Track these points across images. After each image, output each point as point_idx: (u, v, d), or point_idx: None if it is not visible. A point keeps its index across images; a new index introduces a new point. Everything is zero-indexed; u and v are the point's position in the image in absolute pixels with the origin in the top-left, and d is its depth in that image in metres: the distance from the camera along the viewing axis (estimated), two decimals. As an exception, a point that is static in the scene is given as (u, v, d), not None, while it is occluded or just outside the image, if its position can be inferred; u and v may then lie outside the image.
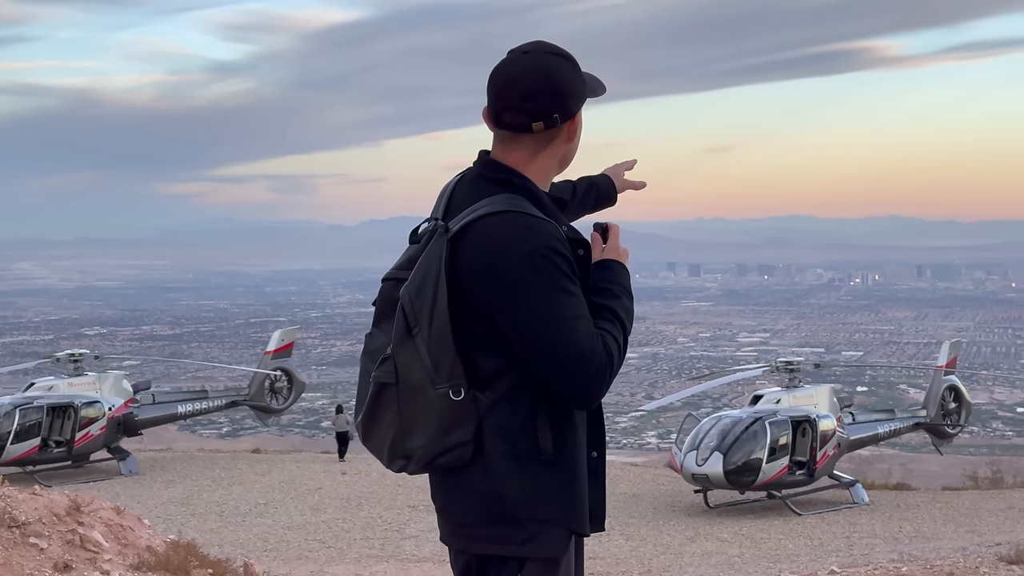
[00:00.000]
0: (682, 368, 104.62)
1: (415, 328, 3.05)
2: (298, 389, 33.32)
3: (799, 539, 19.05)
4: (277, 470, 27.18)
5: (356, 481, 25.10)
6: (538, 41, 3.24)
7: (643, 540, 18.70)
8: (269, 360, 32.49)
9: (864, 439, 26.49)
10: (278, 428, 65.96)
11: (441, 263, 3.03)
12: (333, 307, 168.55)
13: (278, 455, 32.15)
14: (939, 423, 28.92)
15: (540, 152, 3.20)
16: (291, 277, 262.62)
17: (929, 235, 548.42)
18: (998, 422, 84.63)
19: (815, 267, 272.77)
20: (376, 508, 21.63)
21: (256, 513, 21.26)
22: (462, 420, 3.04)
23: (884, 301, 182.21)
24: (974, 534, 18.39)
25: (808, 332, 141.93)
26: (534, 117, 3.14)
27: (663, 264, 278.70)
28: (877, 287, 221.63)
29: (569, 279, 3.03)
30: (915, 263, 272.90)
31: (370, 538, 18.51)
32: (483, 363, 3.06)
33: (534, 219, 3.04)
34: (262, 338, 63.36)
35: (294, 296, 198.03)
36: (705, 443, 22.36)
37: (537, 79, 3.13)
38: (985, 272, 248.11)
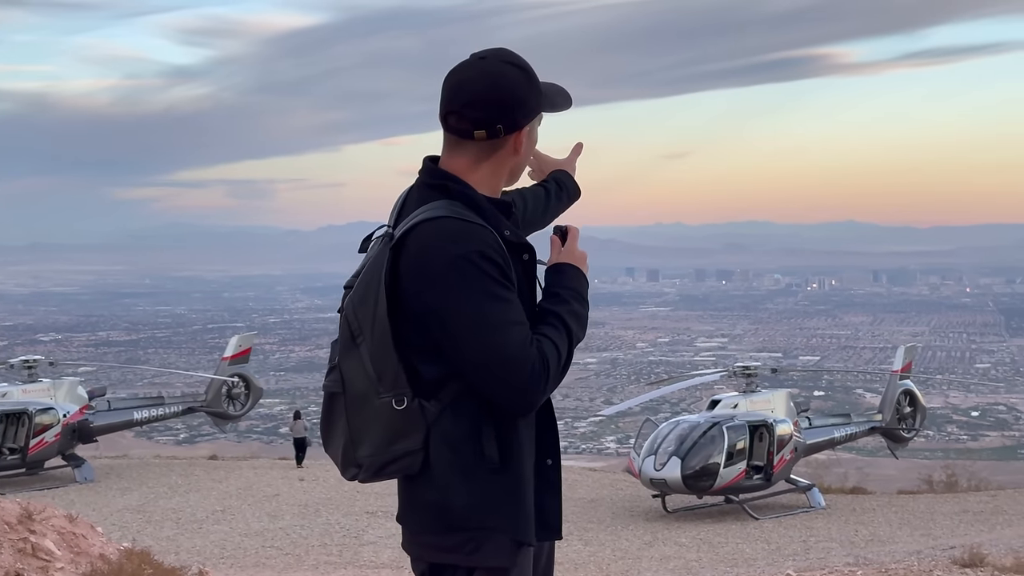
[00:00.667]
0: (641, 373, 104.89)
1: (359, 337, 3.06)
2: (256, 395, 33.13)
3: (756, 543, 19.13)
4: (234, 476, 27.00)
5: (314, 487, 24.98)
6: (499, 48, 3.21)
7: (601, 545, 18.72)
8: (226, 366, 32.29)
9: (820, 443, 26.65)
10: (236, 434, 65.53)
11: (382, 271, 3.03)
12: (291, 312, 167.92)
13: (235, 461, 31.94)
14: (894, 427, 29.17)
15: (484, 161, 3.18)
16: (249, 282, 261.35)
17: (885, 241, 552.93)
18: (953, 426, 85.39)
19: (773, 272, 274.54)
20: (334, 514, 21.53)
21: (213, 520, 21.11)
22: (409, 429, 3.04)
23: (841, 306, 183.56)
24: (929, 537, 18.54)
25: (766, 337, 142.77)
26: (476, 125, 3.12)
27: (622, 269, 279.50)
28: (834, 292, 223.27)
29: (500, 284, 2.99)
30: (871, 268, 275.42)
31: (328, 544, 18.42)
32: (426, 371, 3.05)
33: (465, 224, 3.02)
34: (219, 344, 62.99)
35: (252, 301, 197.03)
36: (663, 448, 22.42)
37: (484, 86, 3.11)
38: (940, 277, 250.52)
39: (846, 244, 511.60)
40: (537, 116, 3.25)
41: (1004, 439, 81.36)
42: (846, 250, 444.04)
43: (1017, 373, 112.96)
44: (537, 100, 3.20)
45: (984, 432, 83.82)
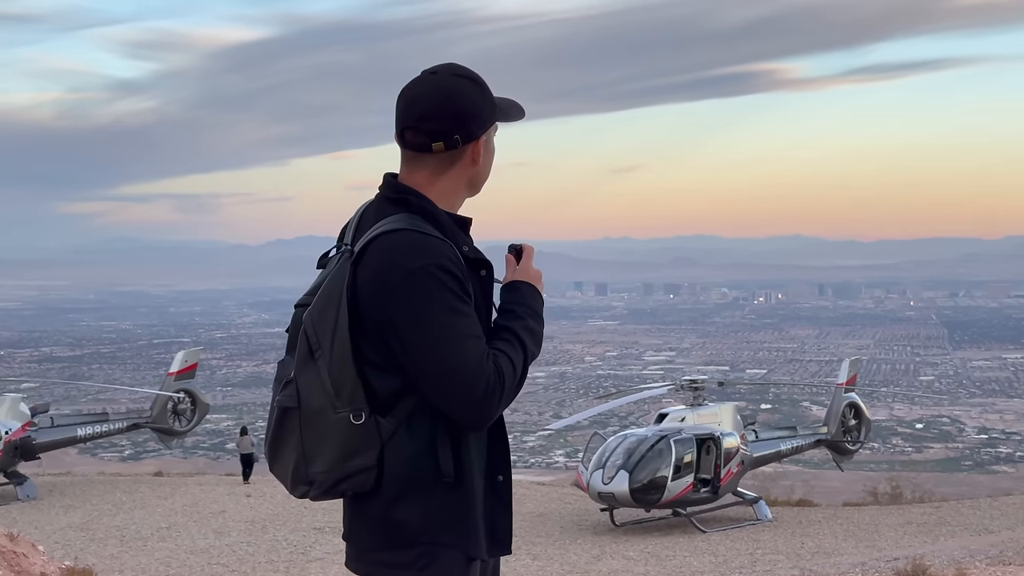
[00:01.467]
0: (589, 387, 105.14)
1: (317, 351, 3.04)
2: (202, 411, 32.87)
3: (704, 556, 19.20)
4: (180, 493, 26.76)
5: (261, 503, 24.80)
6: (449, 63, 3.24)
7: (550, 559, 18.72)
8: (172, 381, 32.01)
9: (767, 456, 26.81)
10: (181, 450, 65.00)
11: (343, 286, 3.03)
12: (238, 327, 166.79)
13: (181, 478, 31.66)
14: (840, 440, 29.41)
15: (443, 173, 3.20)
16: (195, 297, 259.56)
17: (830, 255, 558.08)
18: (898, 438, 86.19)
19: (720, 286, 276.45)
20: (281, 531, 21.39)
21: (158, 537, 20.90)
22: (364, 445, 3.02)
23: (787, 319, 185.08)
24: (874, 549, 18.69)
25: (713, 350, 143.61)
26: (434, 137, 3.14)
27: (570, 284, 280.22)
28: (780, 306, 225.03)
29: (458, 298, 3.00)
30: (817, 282, 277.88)
31: (275, 561, 18.29)
32: (383, 386, 3.04)
33: (424, 236, 3.02)
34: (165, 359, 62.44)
35: (198, 316, 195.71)
36: (611, 462, 22.46)
37: (438, 100, 3.14)
38: (884, 291, 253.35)
39: (792, 258, 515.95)
40: (493, 127, 3.27)
41: (948, 451, 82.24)
42: (792, 264, 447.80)
43: (960, 385, 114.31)
44: (491, 111, 3.23)
45: (928, 444, 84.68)
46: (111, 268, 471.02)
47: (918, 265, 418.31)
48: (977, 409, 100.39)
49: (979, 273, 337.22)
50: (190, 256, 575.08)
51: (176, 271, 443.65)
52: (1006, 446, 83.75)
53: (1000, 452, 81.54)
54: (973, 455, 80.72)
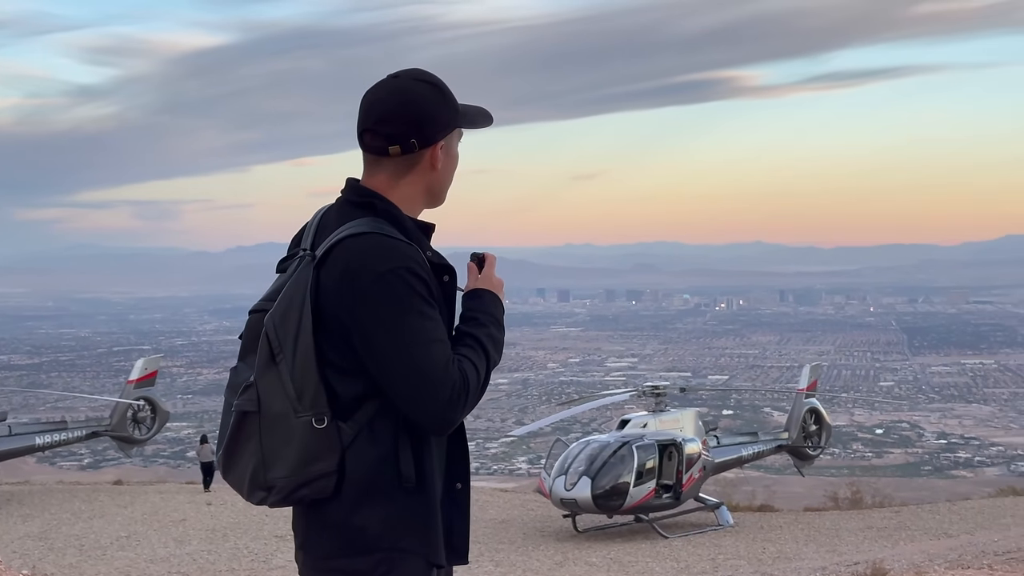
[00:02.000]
0: (552, 393, 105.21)
1: (279, 355, 3.02)
2: (162, 419, 32.63)
3: (666, 562, 19.25)
4: (140, 502, 26.57)
5: (222, 512, 24.66)
6: (414, 68, 3.24)
7: (512, 566, 18.72)
8: (132, 389, 31.78)
9: (729, 462, 26.92)
10: (142, 459, 64.54)
11: (306, 290, 3.01)
12: (199, 335, 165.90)
13: (141, 486, 31.43)
14: (800, 445, 29.57)
15: (402, 178, 3.19)
16: (155, 304, 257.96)
17: (791, 261, 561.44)
18: (858, 443, 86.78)
19: (682, 292, 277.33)
20: (242, 539, 21.27)
21: (118, 546, 20.74)
22: (325, 450, 3.00)
23: (748, 325, 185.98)
24: (834, 553, 18.80)
25: (675, 356, 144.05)
26: (390, 140, 3.13)
27: (532, 290, 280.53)
28: (742, 312, 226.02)
29: (426, 302, 2.99)
30: (778, 288, 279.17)
31: (236, 570, 18.19)
32: (345, 390, 3.02)
33: (392, 240, 3.02)
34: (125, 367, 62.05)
35: (159, 324, 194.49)
36: (573, 468, 22.49)
37: (395, 103, 3.14)
38: (845, 297, 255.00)
39: (754, 264, 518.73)
40: (455, 133, 3.26)
41: (907, 456, 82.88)
42: (754, 270, 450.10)
43: (920, 391, 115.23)
44: (451, 116, 3.22)
45: (888, 449, 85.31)
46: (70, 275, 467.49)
47: (878, 271, 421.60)
48: (936, 414, 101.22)
49: (938, 279, 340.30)
50: (150, 263, 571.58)
51: (136, 278, 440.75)
52: (965, 451, 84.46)
53: (959, 457, 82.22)
54: (932, 460, 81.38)
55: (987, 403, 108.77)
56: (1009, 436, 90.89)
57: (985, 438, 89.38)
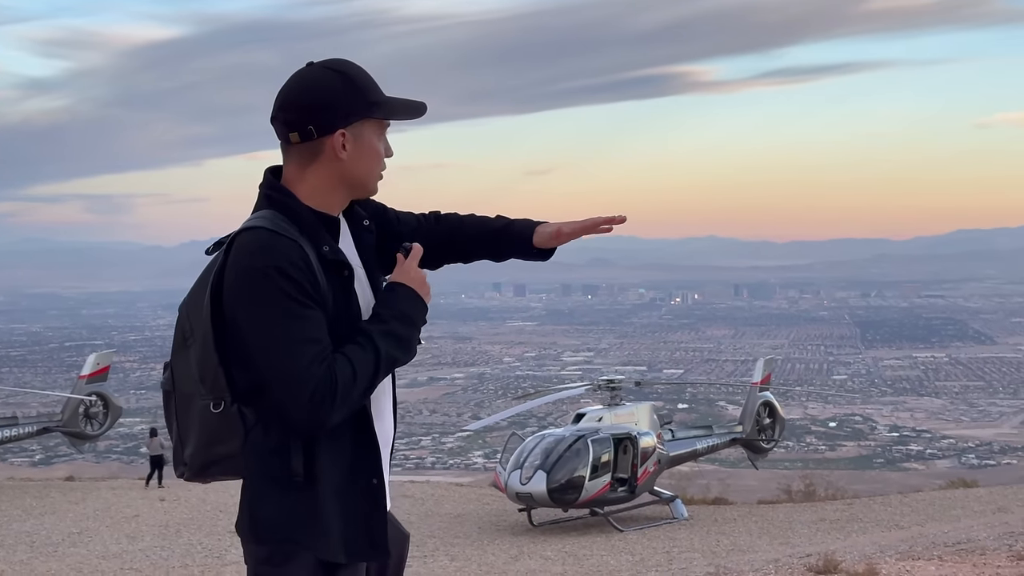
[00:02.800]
0: (508, 388, 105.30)
1: (189, 339, 3.10)
2: (114, 414, 32.39)
3: (621, 555, 19.31)
4: (92, 498, 26.36)
5: (175, 507, 24.51)
6: (333, 58, 3.20)
7: (468, 560, 18.72)
8: (84, 385, 31.51)
9: (683, 455, 27.04)
10: (94, 454, 63.97)
11: (210, 275, 3.04)
12: (152, 330, 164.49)
13: (93, 482, 31.17)
14: (754, 438, 29.75)
15: (307, 167, 3.14)
16: (108, 299, 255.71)
17: (745, 255, 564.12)
18: (812, 436, 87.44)
19: (637, 287, 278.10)
20: (196, 534, 21.16)
21: (69, 543, 20.57)
22: (226, 434, 3.04)
23: (703, 320, 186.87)
24: (787, 545, 18.92)
25: (631, 350, 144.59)
26: (289, 127, 3.11)
27: (488, 284, 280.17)
28: (697, 306, 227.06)
29: (295, 301, 2.93)
30: (732, 282, 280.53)
31: (189, 565, 18.08)
32: (241, 379, 3.02)
33: (274, 236, 2.98)
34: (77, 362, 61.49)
35: (111, 319, 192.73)
36: (529, 462, 22.51)
37: (296, 90, 3.12)
38: (798, 291, 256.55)
39: (708, 259, 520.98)
40: (370, 122, 3.18)
41: (860, 449, 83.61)
42: (708, 264, 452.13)
43: (872, 384, 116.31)
44: (358, 105, 3.14)
45: (841, 442, 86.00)
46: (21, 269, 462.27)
47: (831, 266, 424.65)
48: (889, 407, 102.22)
49: (890, 273, 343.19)
50: (103, 257, 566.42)
51: (89, 272, 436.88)
52: (916, 444, 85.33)
53: (911, 450, 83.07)
54: (885, 453, 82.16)
55: (938, 396, 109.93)
56: (960, 429, 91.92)
57: (936, 431, 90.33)
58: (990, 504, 23.33)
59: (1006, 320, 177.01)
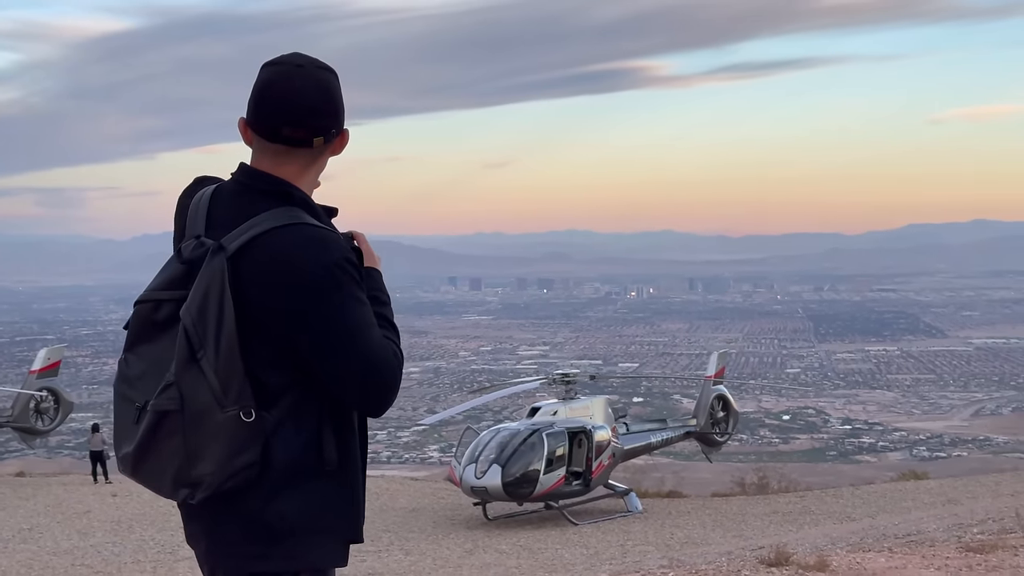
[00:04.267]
0: (464, 382, 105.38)
1: (199, 351, 2.97)
2: (65, 409, 32.08)
3: (575, 548, 19.36)
4: (43, 494, 26.12)
5: (127, 503, 24.33)
6: (297, 53, 3.19)
7: (422, 555, 18.70)
8: (34, 380, 31.19)
9: (638, 449, 27.14)
10: (46, 450, 63.50)
11: (224, 282, 2.97)
12: (105, 324, 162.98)
13: (44, 478, 30.91)
14: (708, 432, 29.90)
15: (311, 166, 3.18)
16: (60, 293, 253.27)
17: (700, 249, 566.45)
18: (765, 429, 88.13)
19: (593, 281, 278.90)
20: (148, 530, 21.01)
21: (20, 539, 20.37)
22: (251, 441, 2.98)
23: (659, 314, 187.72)
24: (740, 538, 19.04)
25: (586, 344, 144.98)
26: (316, 132, 3.11)
27: (444, 278, 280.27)
28: (652, 300, 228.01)
29: (361, 289, 3.05)
30: (687, 276, 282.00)
31: (141, 561, 17.95)
32: (269, 381, 3.02)
33: (324, 231, 3.03)
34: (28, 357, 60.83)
35: (63, 313, 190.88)
36: (484, 456, 22.52)
37: (320, 95, 3.11)
38: (752, 285, 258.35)
39: (663, 253, 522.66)
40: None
41: (813, 441, 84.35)
42: (663, 259, 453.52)
43: (825, 377, 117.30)
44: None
45: (795, 435, 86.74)
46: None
47: (785, 260, 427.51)
48: (841, 400, 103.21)
49: (843, 268, 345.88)
50: (54, 251, 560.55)
51: (39, 266, 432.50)
52: (868, 436, 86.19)
53: (863, 442, 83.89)
54: (837, 445, 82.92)
55: (890, 389, 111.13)
56: (911, 421, 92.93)
57: (888, 423, 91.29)
58: (940, 496, 23.56)
59: (956, 314, 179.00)
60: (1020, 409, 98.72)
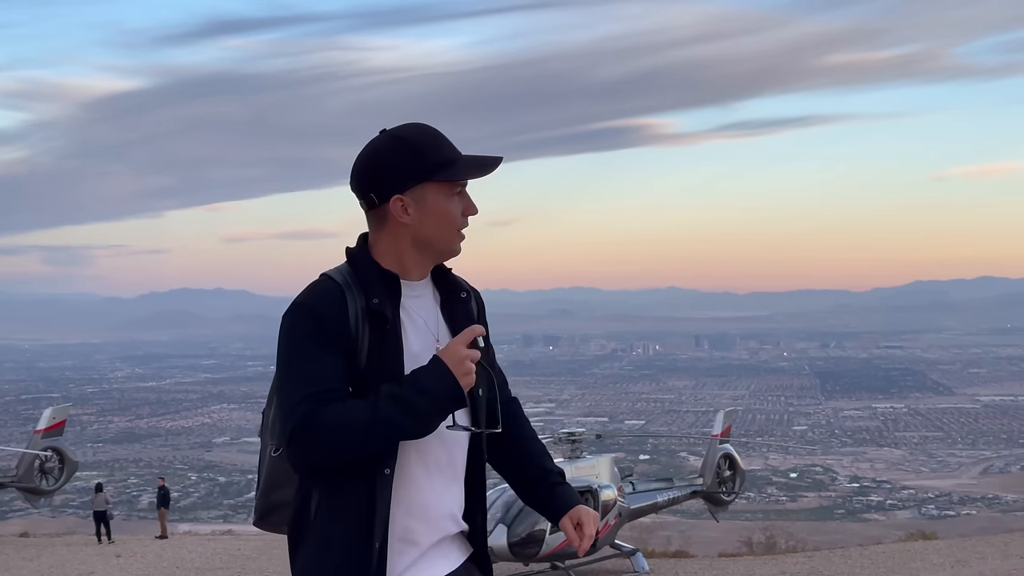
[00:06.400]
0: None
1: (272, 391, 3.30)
2: (70, 469, 31.98)
3: (582, 610, 19.23)
4: (47, 554, 26.01)
5: (131, 564, 24.21)
6: (406, 123, 3.27)
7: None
8: (39, 439, 31.12)
9: (644, 508, 26.98)
10: (50, 509, 63.28)
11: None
12: (111, 382, 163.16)
13: (48, 538, 30.78)
14: (715, 491, 29.74)
15: (380, 231, 3.22)
16: (66, 351, 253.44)
17: (706, 306, 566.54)
18: (773, 487, 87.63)
19: (599, 338, 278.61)
20: (152, 592, 20.89)
21: (23, 601, 20.26)
22: (283, 480, 3.18)
23: (664, 371, 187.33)
24: (748, 599, 18.94)
25: (592, 401, 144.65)
26: (359, 196, 3.21)
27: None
28: (658, 357, 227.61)
29: (312, 342, 3.02)
30: (693, 333, 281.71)
31: (145, 624, 17.85)
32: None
33: (320, 281, 3.14)
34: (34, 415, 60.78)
35: (69, 371, 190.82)
36: (490, 515, 22.42)
37: (359, 160, 3.21)
38: (759, 342, 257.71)
39: (669, 310, 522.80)
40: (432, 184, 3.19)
41: (821, 499, 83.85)
42: (669, 315, 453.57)
43: (832, 435, 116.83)
44: (414, 168, 3.16)
45: (802, 493, 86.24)
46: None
47: (791, 317, 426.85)
48: (849, 458, 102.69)
49: (849, 324, 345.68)
50: (61, 309, 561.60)
51: (47, 324, 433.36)
52: (877, 494, 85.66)
53: (871, 500, 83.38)
54: (845, 503, 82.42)
55: (898, 447, 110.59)
56: (920, 479, 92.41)
57: (896, 481, 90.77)
58: (949, 557, 23.40)
59: (964, 371, 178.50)
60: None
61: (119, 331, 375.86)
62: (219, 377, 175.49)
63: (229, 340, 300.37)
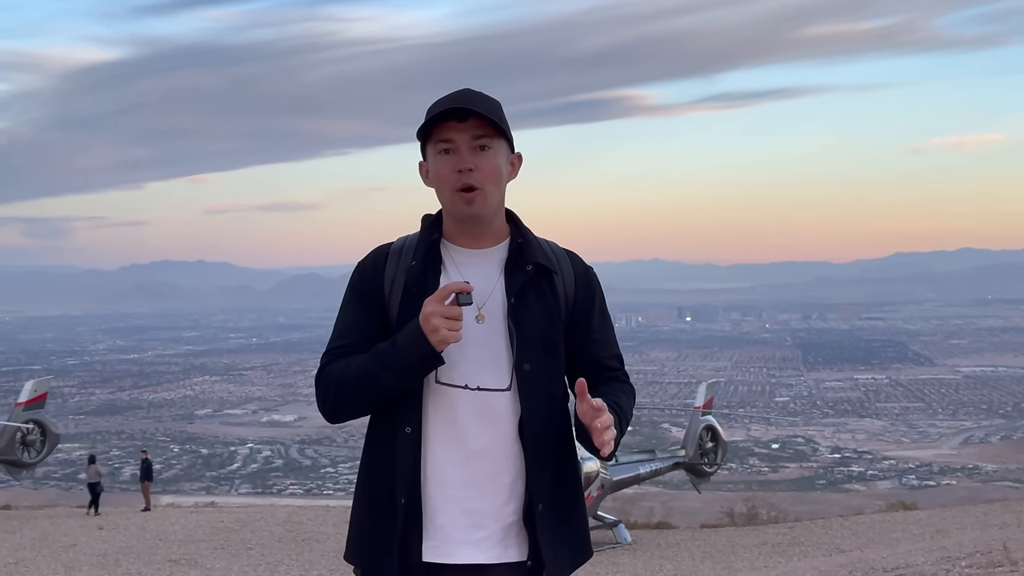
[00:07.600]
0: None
1: None
2: (52, 441, 31.88)
3: (564, 581, 19.25)
4: (29, 527, 25.94)
5: (114, 536, 24.18)
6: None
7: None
8: (20, 412, 31.01)
9: (627, 480, 27.05)
10: (32, 481, 62.96)
11: None
12: (92, 354, 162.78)
13: (30, 511, 30.71)
14: (697, 462, 29.83)
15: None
16: (47, 323, 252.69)
17: (689, 278, 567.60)
18: (755, 458, 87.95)
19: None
20: (135, 564, 20.86)
21: (5, 573, 20.20)
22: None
23: (647, 342, 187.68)
24: (730, 570, 18.99)
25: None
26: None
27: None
28: (641, 328, 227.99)
29: (349, 295, 3.21)
30: (676, 305, 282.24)
31: (128, 596, 17.84)
32: None
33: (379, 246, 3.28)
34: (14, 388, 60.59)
35: (50, 343, 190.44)
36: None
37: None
38: (741, 313, 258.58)
39: (652, 282, 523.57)
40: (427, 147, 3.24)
41: (802, 470, 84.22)
42: (652, 287, 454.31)
43: (814, 406, 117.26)
44: (419, 134, 3.25)
45: (784, 464, 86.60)
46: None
47: (773, 288, 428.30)
48: (830, 429, 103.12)
49: (831, 296, 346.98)
50: (42, 281, 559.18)
51: (27, 297, 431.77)
52: (858, 465, 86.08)
53: (852, 471, 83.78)
54: (827, 474, 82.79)
55: (879, 417, 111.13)
56: (900, 450, 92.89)
57: (877, 452, 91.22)
58: (929, 527, 23.52)
59: (945, 342, 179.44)
60: (1008, 437, 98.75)
61: (100, 303, 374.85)
62: (201, 349, 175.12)
63: (211, 312, 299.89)
